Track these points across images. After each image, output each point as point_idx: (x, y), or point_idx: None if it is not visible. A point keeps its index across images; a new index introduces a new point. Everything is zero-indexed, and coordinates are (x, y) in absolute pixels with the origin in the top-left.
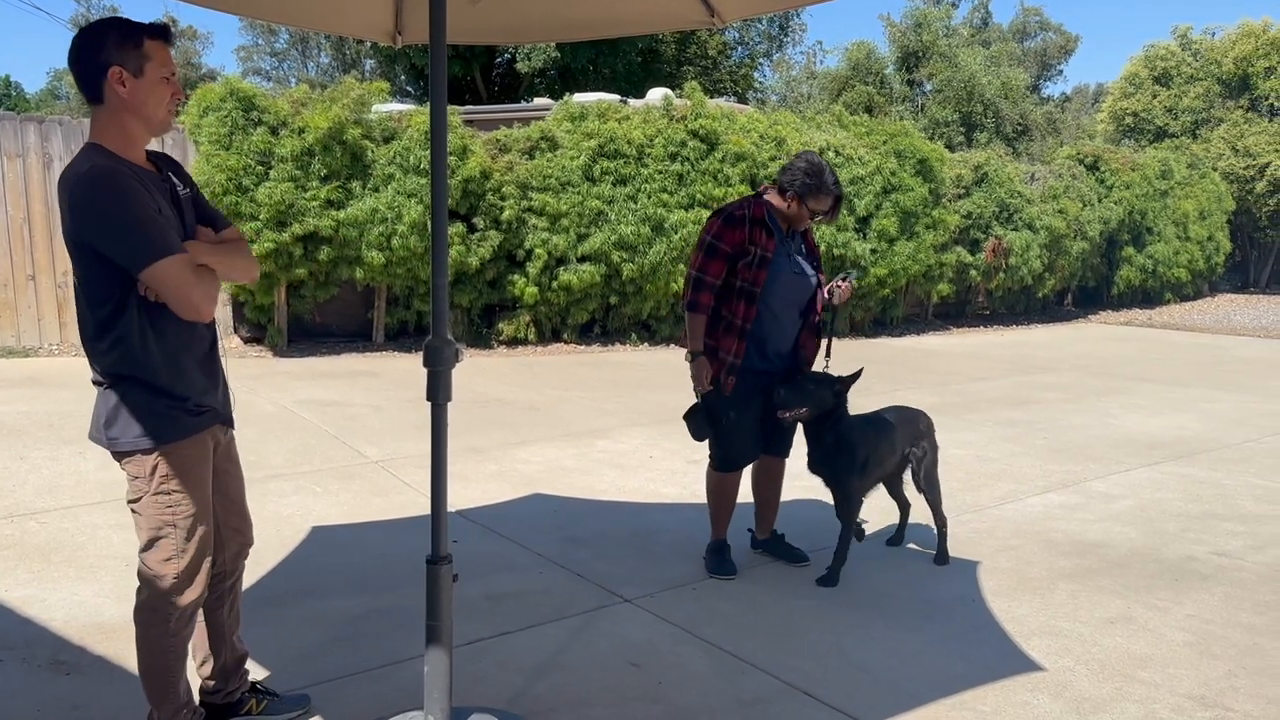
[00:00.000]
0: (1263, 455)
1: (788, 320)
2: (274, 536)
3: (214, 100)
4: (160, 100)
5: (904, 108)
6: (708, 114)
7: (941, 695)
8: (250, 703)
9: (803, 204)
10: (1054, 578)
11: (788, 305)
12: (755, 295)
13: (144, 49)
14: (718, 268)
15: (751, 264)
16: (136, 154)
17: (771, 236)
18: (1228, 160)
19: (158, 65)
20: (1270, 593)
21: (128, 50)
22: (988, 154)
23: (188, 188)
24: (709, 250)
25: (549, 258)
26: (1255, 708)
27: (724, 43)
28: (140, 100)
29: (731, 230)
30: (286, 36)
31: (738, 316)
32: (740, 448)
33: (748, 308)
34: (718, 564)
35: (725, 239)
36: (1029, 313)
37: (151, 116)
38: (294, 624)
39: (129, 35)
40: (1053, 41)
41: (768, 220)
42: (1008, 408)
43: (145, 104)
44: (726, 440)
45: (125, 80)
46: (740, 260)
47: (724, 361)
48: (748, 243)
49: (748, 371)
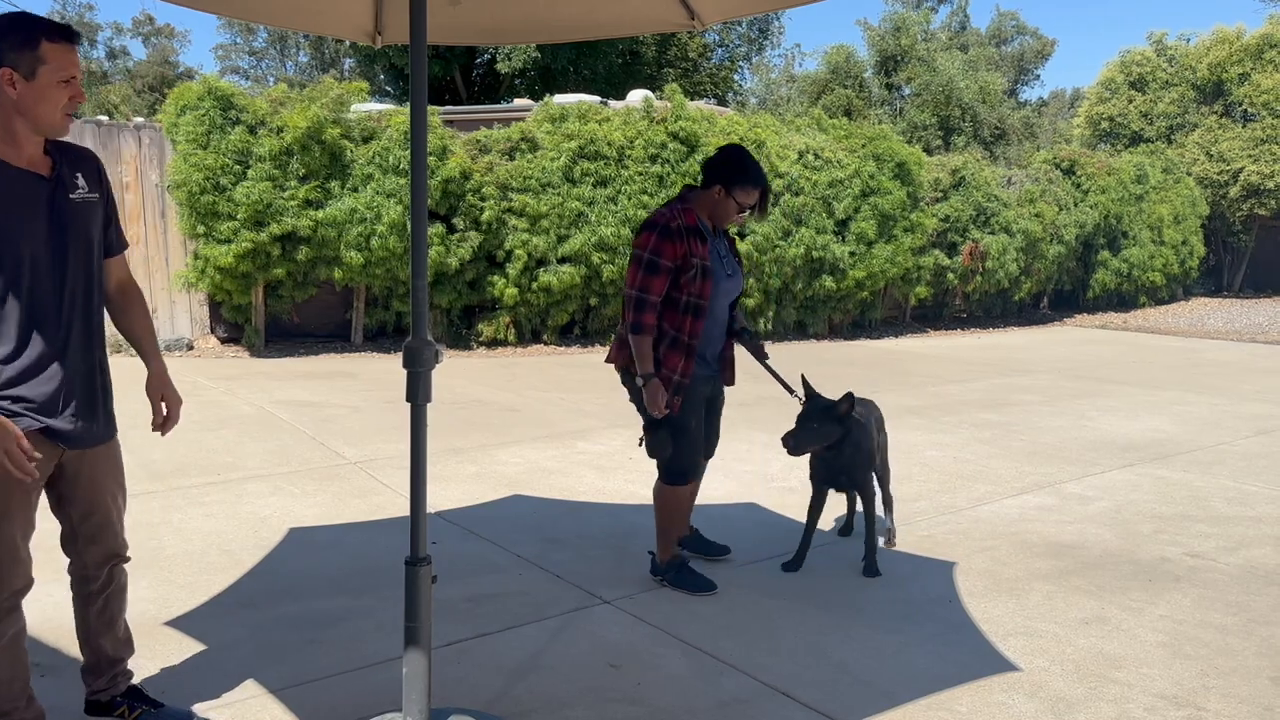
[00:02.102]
0: (1235, 457)
1: (719, 324)
2: (251, 538)
3: (191, 99)
4: (53, 104)
5: (883, 111)
6: (688, 116)
7: (919, 695)
8: (123, 708)
9: (729, 196)
10: (1030, 579)
11: (720, 310)
12: (703, 309)
13: (39, 51)
14: (660, 284)
15: (695, 277)
16: (19, 153)
17: (705, 243)
18: (1202, 165)
19: (54, 69)
20: (1242, 593)
21: (23, 53)
22: (965, 158)
23: (94, 191)
24: (649, 267)
25: (529, 259)
26: (1227, 707)
27: (704, 45)
28: (29, 104)
29: (670, 244)
30: (265, 35)
31: (684, 333)
32: (693, 457)
33: (694, 322)
34: (695, 581)
35: (665, 254)
36: (1006, 315)
37: (40, 119)
38: (271, 625)
39: (26, 37)
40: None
41: (700, 227)
42: (984, 410)
43: (34, 107)
44: (684, 452)
45: (16, 82)
46: (683, 275)
47: (670, 380)
48: (689, 255)
49: (692, 384)
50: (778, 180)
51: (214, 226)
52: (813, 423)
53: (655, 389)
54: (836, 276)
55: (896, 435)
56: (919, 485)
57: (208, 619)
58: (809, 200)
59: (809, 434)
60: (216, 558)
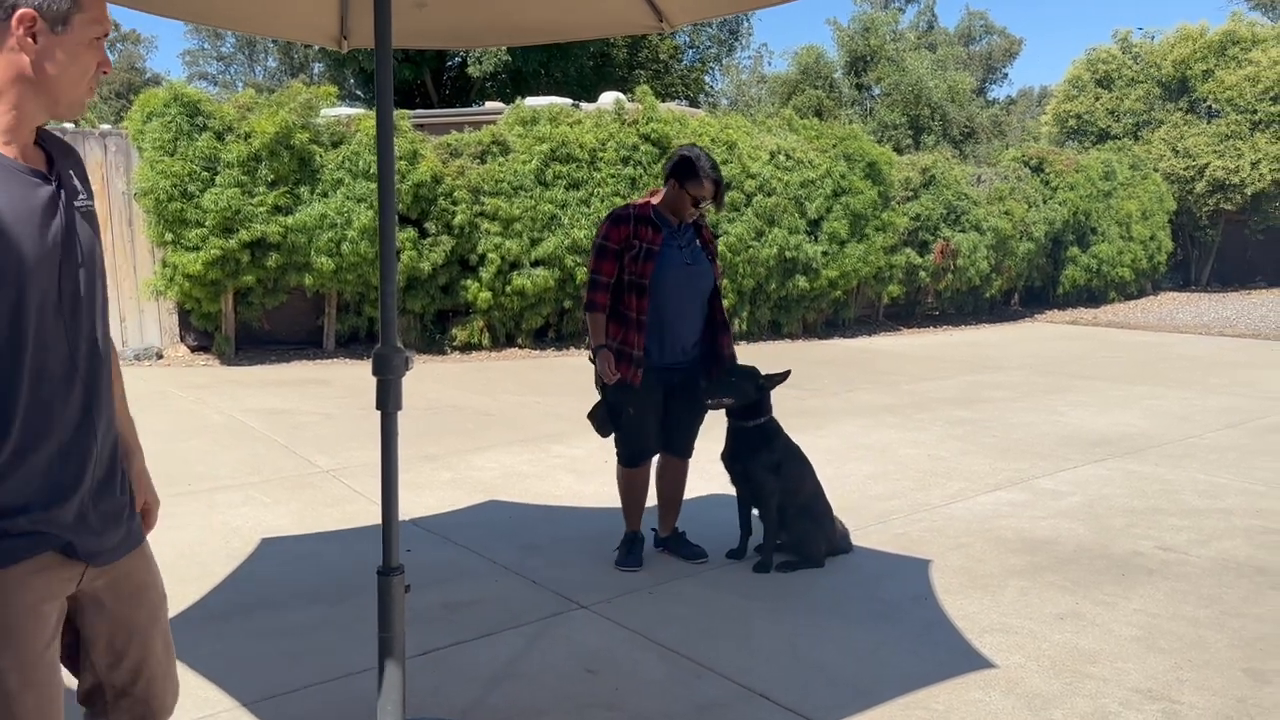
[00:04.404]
0: (1205, 450)
1: (686, 312)
2: (222, 548)
3: (158, 106)
4: (82, 72)
5: (853, 111)
6: (659, 118)
7: (896, 694)
8: None
9: (682, 189)
10: (1004, 575)
11: (682, 297)
12: (644, 288)
13: None
14: (609, 266)
15: (638, 257)
16: (20, 138)
17: (659, 231)
18: (1168, 161)
19: (89, 21)
20: (1214, 586)
21: None
22: (935, 157)
23: (90, 198)
24: (599, 251)
25: (502, 262)
26: (1200, 699)
27: (675, 46)
28: (53, 67)
29: (616, 228)
30: (233, 40)
31: (630, 309)
32: (641, 443)
33: (638, 300)
34: (624, 556)
35: (611, 237)
36: (977, 313)
37: (63, 91)
38: (243, 637)
39: None
40: (997, 45)
41: (654, 216)
42: (958, 407)
43: (59, 73)
44: (628, 436)
45: (39, 32)
46: (627, 255)
47: (627, 355)
48: (632, 238)
49: (647, 367)
50: (749, 181)
51: (182, 234)
52: (731, 377)
53: (604, 357)
54: (810, 276)
55: (870, 434)
56: (894, 483)
57: (179, 632)
58: (781, 200)
59: (723, 385)
60: (187, 569)
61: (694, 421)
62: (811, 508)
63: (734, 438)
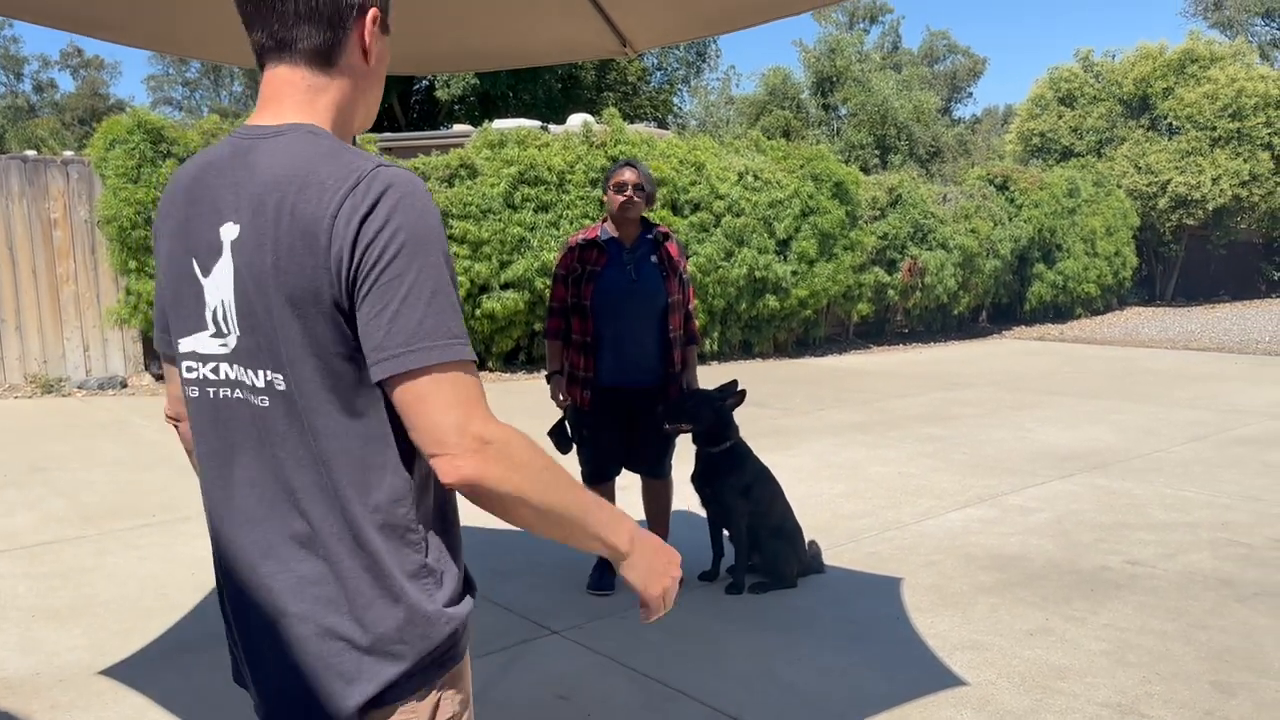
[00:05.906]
0: (1172, 464)
1: (632, 331)
2: (188, 580)
3: (121, 133)
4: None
5: (820, 132)
6: (627, 140)
7: (869, 714)
8: None
9: (608, 190)
10: (975, 592)
11: (625, 316)
12: (585, 309)
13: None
14: (560, 291)
15: (579, 280)
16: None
17: (604, 253)
18: (1131, 178)
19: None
20: (1181, 599)
21: None
22: (902, 176)
23: None
24: (554, 279)
25: (471, 285)
26: (1169, 713)
27: (644, 68)
28: (373, 78)
29: (566, 256)
30: (198, 66)
31: (575, 331)
32: (599, 461)
33: (582, 322)
34: (596, 580)
35: (561, 264)
36: (946, 330)
37: (371, 104)
38: (209, 669)
39: None
40: (961, 64)
41: (600, 240)
42: (927, 424)
43: (375, 85)
44: (585, 455)
45: (374, 37)
46: (570, 278)
47: (576, 377)
48: (575, 262)
49: (601, 388)
50: (718, 202)
51: (146, 261)
52: (687, 401)
53: (555, 384)
54: (779, 296)
55: (841, 453)
56: (865, 502)
57: (144, 666)
58: (750, 221)
59: (678, 410)
60: (152, 602)
61: (658, 441)
62: (782, 528)
63: (702, 462)
